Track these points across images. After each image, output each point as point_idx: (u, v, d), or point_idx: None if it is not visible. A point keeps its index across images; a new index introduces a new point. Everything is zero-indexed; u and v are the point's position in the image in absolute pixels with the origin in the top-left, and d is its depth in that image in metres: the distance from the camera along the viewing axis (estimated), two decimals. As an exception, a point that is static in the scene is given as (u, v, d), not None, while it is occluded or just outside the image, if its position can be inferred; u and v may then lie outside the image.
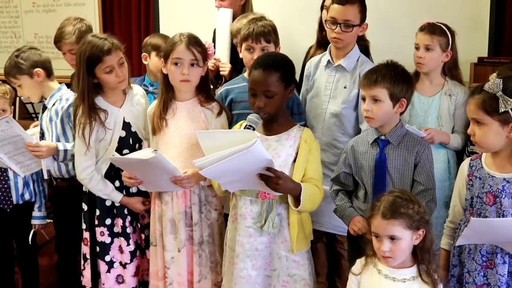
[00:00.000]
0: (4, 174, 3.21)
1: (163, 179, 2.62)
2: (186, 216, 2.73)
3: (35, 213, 3.26)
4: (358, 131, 2.94)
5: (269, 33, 2.92)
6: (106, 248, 2.87)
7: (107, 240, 2.87)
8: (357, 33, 2.95)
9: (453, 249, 2.35)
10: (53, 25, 3.79)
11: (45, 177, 3.05)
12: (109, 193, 2.83)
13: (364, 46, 3.27)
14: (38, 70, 3.05)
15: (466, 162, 2.35)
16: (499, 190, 2.18)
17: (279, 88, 2.48)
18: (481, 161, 2.28)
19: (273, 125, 2.57)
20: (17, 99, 5.02)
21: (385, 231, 2.10)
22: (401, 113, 2.51)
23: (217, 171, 2.28)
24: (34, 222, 3.26)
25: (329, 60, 3.03)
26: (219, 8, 3.58)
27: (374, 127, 2.51)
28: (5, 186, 3.21)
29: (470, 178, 2.29)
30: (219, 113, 2.77)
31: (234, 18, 3.54)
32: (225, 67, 3.39)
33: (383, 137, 2.49)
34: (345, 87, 2.96)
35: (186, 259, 2.73)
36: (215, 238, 2.78)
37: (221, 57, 3.41)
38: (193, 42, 2.68)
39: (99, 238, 2.87)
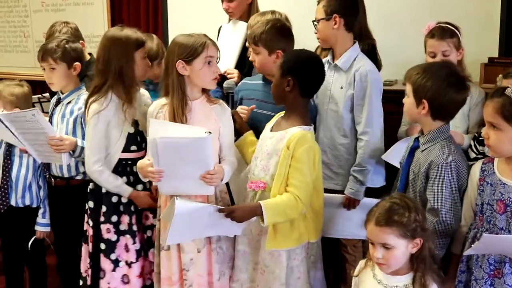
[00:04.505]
0: (8, 174, 3.19)
1: (192, 174, 2.53)
2: None
3: (39, 219, 3.23)
4: (356, 133, 2.89)
5: (256, 37, 2.89)
6: (112, 246, 2.84)
7: (113, 237, 2.84)
8: (329, 27, 2.87)
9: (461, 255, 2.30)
10: (62, 25, 3.79)
11: (65, 170, 3.06)
12: (119, 185, 2.79)
13: (371, 45, 3.24)
14: (78, 64, 3.04)
15: (477, 166, 2.29)
16: (510, 199, 2.12)
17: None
18: (493, 166, 2.22)
19: (283, 121, 2.59)
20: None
21: (377, 238, 2.06)
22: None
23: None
24: (37, 228, 3.23)
25: (328, 59, 2.99)
26: (232, 20, 3.60)
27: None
28: (5, 186, 3.20)
29: (481, 183, 2.23)
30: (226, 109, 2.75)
31: (241, 18, 3.56)
32: (233, 74, 3.35)
33: (420, 139, 2.43)
34: (341, 88, 2.91)
35: (206, 259, 2.70)
36: None
37: (230, 66, 3.40)
38: None
39: (105, 235, 2.84)
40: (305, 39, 3.30)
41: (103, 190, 2.83)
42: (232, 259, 2.76)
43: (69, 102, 3.07)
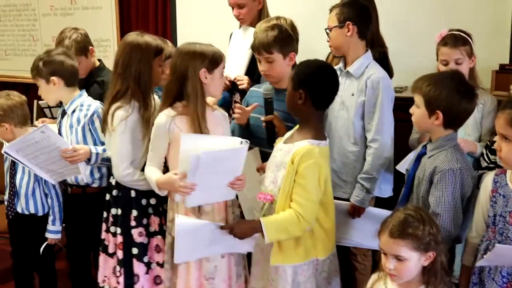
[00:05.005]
0: (12, 180, 3.19)
1: (221, 182, 2.55)
2: (226, 221, 2.71)
3: (49, 226, 3.19)
4: (366, 140, 2.86)
5: (269, 45, 2.86)
6: (144, 249, 2.84)
7: (145, 240, 2.85)
8: (342, 35, 2.86)
9: (473, 267, 2.28)
10: (71, 29, 3.80)
11: (86, 180, 3.06)
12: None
13: (382, 53, 3.23)
14: (54, 78, 3.03)
15: (490, 177, 2.27)
16: None
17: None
18: (505, 178, 2.20)
19: (296, 133, 2.55)
20: (35, 103, 5.05)
21: (391, 249, 2.05)
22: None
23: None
24: (47, 235, 3.20)
25: (340, 67, 2.98)
26: (242, 26, 3.60)
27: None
28: (11, 192, 3.21)
29: (494, 194, 2.22)
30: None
31: (251, 24, 3.54)
32: (244, 81, 3.36)
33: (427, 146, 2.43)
34: (352, 94, 2.88)
35: (227, 263, 2.72)
36: None
37: (240, 73, 3.41)
38: None
39: (138, 239, 2.83)
40: (313, 44, 3.32)
41: (132, 195, 2.82)
42: (245, 260, 2.78)
43: (74, 111, 3.07)
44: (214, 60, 2.59)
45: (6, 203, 3.23)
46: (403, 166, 2.79)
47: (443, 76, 2.44)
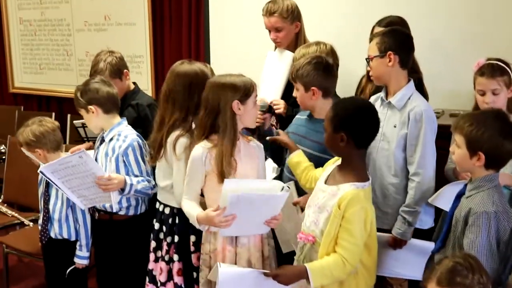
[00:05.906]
0: (46, 205, 3.23)
1: (257, 220, 2.59)
2: (262, 253, 2.73)
3: (77, 251, 3.22)
4: (407, 173, 2.82)
5: (293, 73, 2.89)
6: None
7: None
8: (384, 65, 2.82)
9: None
10: (104, 44, 3.86)
11: (115, 209, 3.04)
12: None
13: (417, 79, 3.18)
14: (91, 107, 3.04)
15: None
16: None
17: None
18: None
19: (337, 173, 2.50)
20: (68, 117, 5.10)
21: None
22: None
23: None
24: (75, 260, 3.23)
25: (382, 97, 2.95)
26: (278, 48, 3.58)
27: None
28: (45, 218, 3.24)
29: None
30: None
31: (288, 47, 3.54)
32: (280, 105, 3.34)
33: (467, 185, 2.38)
34: (394, 126, 2.85)
35: None
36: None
37: (276, 97, 3.39)
38: None
39: (196, 264, 2.85)
40: (351, 67, 3.30)
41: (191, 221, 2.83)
42: None
43: (111, 139, 3.08)
44: (246, 90, 2.60)
45: (40, 227, 3.27)
46: (437, 200, 2.75)
47: (486, 115, 2.36)
